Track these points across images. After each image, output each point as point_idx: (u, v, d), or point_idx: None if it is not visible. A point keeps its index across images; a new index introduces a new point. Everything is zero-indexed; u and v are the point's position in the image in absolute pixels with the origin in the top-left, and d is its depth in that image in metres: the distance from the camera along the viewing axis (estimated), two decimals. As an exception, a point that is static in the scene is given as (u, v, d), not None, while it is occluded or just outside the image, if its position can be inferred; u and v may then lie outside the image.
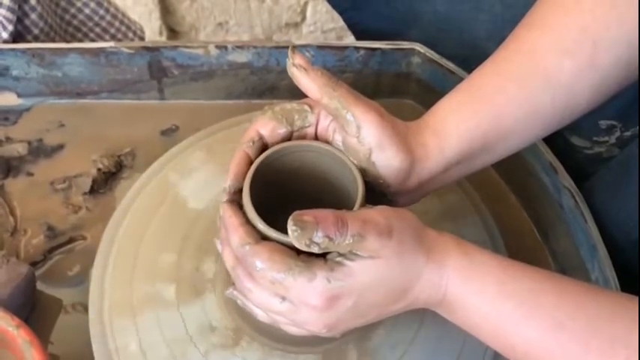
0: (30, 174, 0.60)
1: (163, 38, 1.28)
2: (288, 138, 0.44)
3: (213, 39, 1.30)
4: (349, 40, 1.13)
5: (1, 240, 0.55)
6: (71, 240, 0.56)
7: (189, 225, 0.53)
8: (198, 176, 0.56)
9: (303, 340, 0.46)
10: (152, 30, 1.25)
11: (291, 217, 0.37)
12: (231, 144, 0.47)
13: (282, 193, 0.44)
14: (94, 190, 0.59)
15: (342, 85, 0.42)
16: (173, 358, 0.46)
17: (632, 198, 0.51)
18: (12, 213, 0.57)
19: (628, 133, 0.60)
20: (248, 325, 0.47)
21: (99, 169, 0.60)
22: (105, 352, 0.47)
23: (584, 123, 0.58)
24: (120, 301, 0.49)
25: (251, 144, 0.44)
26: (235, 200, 0.42)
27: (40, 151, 0.61)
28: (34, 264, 0.54)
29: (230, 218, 0.41)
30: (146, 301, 0.49)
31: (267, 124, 0.44)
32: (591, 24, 0.43)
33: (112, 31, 0.76)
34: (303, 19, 1.30)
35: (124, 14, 0.79)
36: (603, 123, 0.60)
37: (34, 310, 0.52)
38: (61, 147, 0.62)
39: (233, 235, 0.40)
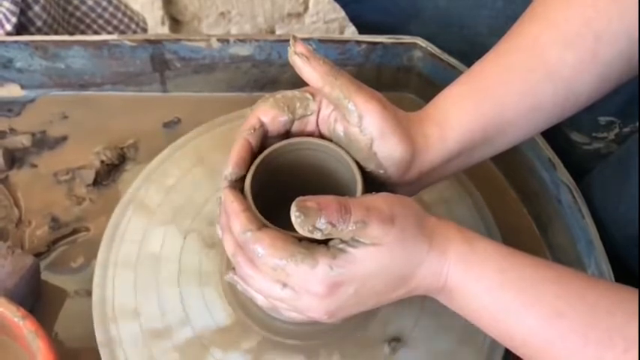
0: (34, 165, 0.61)
1: (166, 28, 1.28)
2: (290, 126, 0.44)
3: (216, 28, 1.30)
4: (351, 31, 1.13)
5: (6, 231, 0.56)
6: (75, 231, 0.57)
7: (193, 216, 0.53)
8: (201, 169, 0.56)
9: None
10: (154, 19, 1.25)
11: (294, 203, 0.37)
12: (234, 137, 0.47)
13: (282, 191, 0.44)
14: (97, 182, 0.60)
15: (344, 74, 0.42)
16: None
17: (630, 194, 0.51)
18: (16, 204, 0.58)
19: (627, 130, 0.60)
20: (256, 324, 0.48)
21: (102, 161, 0.60)
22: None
23: (584, 119, 0.58)
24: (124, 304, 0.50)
25: (252, 131, 0.43)
26: (237, 187, 0.42)
27: (43, 142, 0.62)
28: (39, 255, 0.55)
29: (232, 204, 0.41)
30: (148, 303, 0.50)
31: (268, 112, 0.44)
32: (593, 17, 0.43)
33: (115, 22, 0.76)
34: (306, 9, 1.30)
35: (126, 6, 0.79)
36: (602, 119, 0.60)
37: (38, 300, 0.52)
38: (64, 139, 0.62)
39: (234, 222, 0.40)
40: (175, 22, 1.30)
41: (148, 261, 0.51)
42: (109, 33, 0.76)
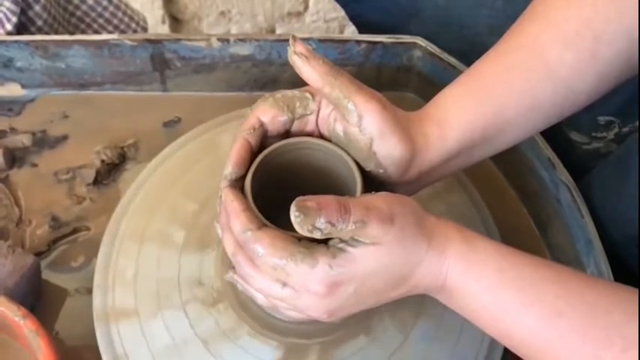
0: (34, 165, 0.61)
1: (166, 26, 1.28)
2: (289, 126, 0.44)
3: (216, 27, 1.30)
4: (351, 30, 1.13)
5: (6, 230, 0.56)
6: (75, 231, 0.57)
7: (194, 215, 0.53)
8: (201, 168, 0.56)
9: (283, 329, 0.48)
10: (155, 18, 1.25)
11: (294, 203, 0.37)
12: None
13: (282, 190, 0.45)
14: (97, 182, 0.60)
15: (344, 74, 0.42)
16: (157, 295, 0.49)
17: (629, 193, 0.51)
18: (17, 203, 0.58)
19: (626, 129, 0.60)
20: (232, 293, 0.49)
21: (102, 161, 0.60)
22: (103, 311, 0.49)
23: (583, 118, 0.58)
24: (125, 307, 0.50)
25: (252, 131, 0.43)
26: (237, 186, 0.43)
27: (44, 142, 0.62)
28: (39, 254, 0.55)
29: (232, 203, 0.41)
30: (153, 238, 0.51)
31: (268, 112, 0.44)
32: (592, 17, 0.43)
33: (115, 21, 0.76)
34: (306, 8, 1.30)
35: (126, 5, 0.79)
36: (602, 119, 0.60)
37: (39, 299, 0.53)
38: (64, 138, 0.62)
39: (234, 221, 0.40)
40: (175, 21, 1.30)
41: (148, 260, 0.52)
42: (110, 32, 0.76)
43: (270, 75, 0.65)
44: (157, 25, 1.26)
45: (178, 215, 0.54)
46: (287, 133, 0.45)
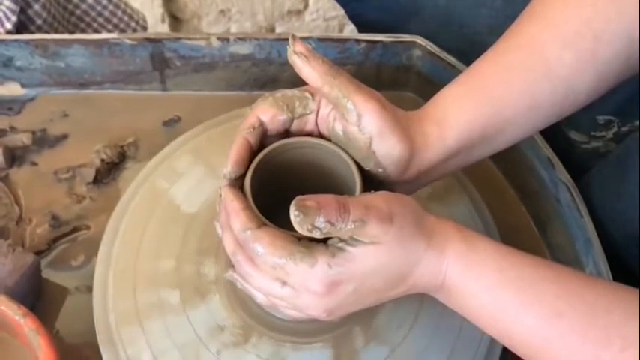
0: (34, 164, 0.61)
1: (165, 25, 1.28)
2: (289, 125, 0.44)
3: (216, 26, 1.30)
4: (351, 28, 1.13)
5: (6, 229, 0.56)
6: (75, 229, 0.57)
7: (193, 214, 0.53)
8: (201, 167, 0.57)
9: (311, 330, 0.47)
10: (154, 17, 1.25)
11: (293, 203, 0.37)
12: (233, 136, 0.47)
13: (281, 190, 0.45)
14: (97, 181, 0.60)
15: (343, 74, 0.42)
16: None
17: (628, 193, 0.52)
18: (17, 202, 0.58)
19: (625, 129, 0.60)
20: (255, 321, 0.48)
21: (102, 160, 0.60)
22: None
23: (583, 118, 0.59)
24: (126, 311, 0.49)
25: (251, 130, 0.43)
26: (236, 185, 0.43)
27: (44, 141, 0.62)
28: (39, 253, 0.55)
29: (231, 202, 0.41)
30: (152, 309, 0.49)
31: (267, 111, 0.44)
32: (592, 17, 0.43)
33: (115, 20, 0.76)
34: (306, 6, 1.30)
35: (126, 4, 0.79)
36: (601, 118, 0.60)
37: (39, 298, 0.53)
38: (64, 137, 0.62)
39: (234, 220, 0.41)
40: (175, 20, 1.30)
41: (148, 258, 0.52)
42: (109, 31, 0.76)
43: (270, 74, 0.65)
44: (157, 24, 1.26)
45: (177, 214, 0.54)
46: (286, 133, 0.45)
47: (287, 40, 0.42)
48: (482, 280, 0.39)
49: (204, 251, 0.52)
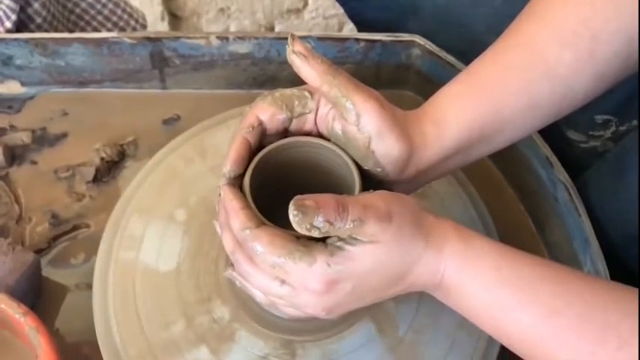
0: (34, 162, 0.61)
1: (165, 24, 1.28)
2: (288, 124, 0.44)
3: (215, 24, 1.30)
4: (350, 27, 1.13)
5: (6, 228, 0.56)
6: (75, 228, 0.57)
7: (193, 212, 0.54)
8: (201, 165, 0.57)
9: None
10: (154, 15, 1.25)
11: (292, 202, 0.37)
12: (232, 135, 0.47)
13: (280, 189, 0.45)
14: (97, 179, 0.60)
15: (342, 73, 0.42)
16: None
17: (625, 192, 0.52)
18: (17, 201, 0.58)
19: (623, 128, 0.60)
20: (291, 334, 0.48)
21: (102, 158, 0.60)
22: None
23: (581, 117, 0.59)
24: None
25: (250, 129, 0.43)
26: (235, 184, 0.43)
27: (43, 139, 0.62)
28: (39, 251, 0.55)
29: (231, 202, 0.41)
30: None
31: (266, 110, 0.44)
32: (590, 16, 0.43)
33: (114, 19, 0.76)
34: (305, 5, 1.30)
35: (125, 2, 0.79)
36: (599, 117, 0.60)
37: (39, 296, 0.53)
38: (64, 136, 0.63)
39: (233, 219, 0.41)
40: (175, 18, 1.30)
41: (148, 256, 0.52)
42: (109, 29, 0.76)
43: (269, 73, 0.65)
44: (156, 22, 1.26)
45: (177, 212, 0.54)
46: (286, 132, 0.45)
47: (286, 39, 0.42)
48: (479, 279, 0.39)
49: (206, 241, 0.51)
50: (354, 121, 0.42)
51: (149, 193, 0.55)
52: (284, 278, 0.40)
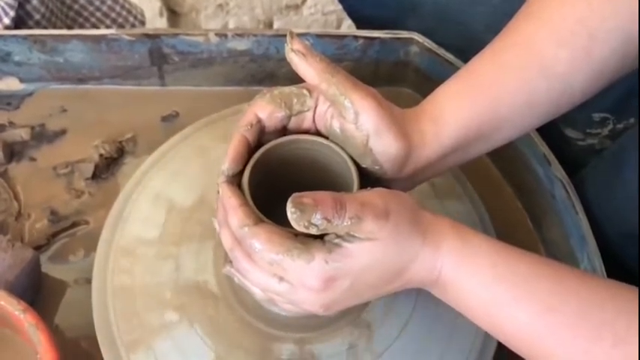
0: (33, 159, 0.61)
1: (164, 19, 1.28)
2: (287, 122, 0.45)
3: (214, 20, 1.30)
4: (349, 23, 1.13)
5: (5, 224, 0.56)
6: (74, 224, 0.57)
7: (192, 209, 0.54)
8: (200, 162, 0.57)
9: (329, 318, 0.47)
10: (152, 11, 1.25)
11: (290, 200, 0.37)
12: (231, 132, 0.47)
13: (279, 186, 0.45)
14: (96, 176, 0.60)
15: (340, 71, 0.42)
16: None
17: (623, 190, 0.52)
18: (16, 198, 0.58)
19: (620, 126, 0.61)
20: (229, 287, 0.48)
21: (101, 155, 0.61)
22: None
23: (578, 115, 0.59)
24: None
25: (249, 127, 0.43)
26: (234, 182, 0.43)
27: (42, 136, 0.62)
28: (38, 248, 0.55)
29: (229, 199, 0.41)
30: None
31: (265, 108, 0.44)
32: (587, 15, 0.43)
33: (113, 15, 0.76)
34: (304, 1, 1.30)
35: (124, -1, 0.79)
36: (597, 115, 0.60)
37: (39, 293, 0.53)
38: (63, 132, 0.63)
39: (232, 216, 0.41)
40: (173, 14, 1.30)
41: (147, 250, 0.52)
42: (107, 26, 0.76)
43: (268, 70, 0.65)
44: (155, 18, 1.26)
45: (176, 209, 0.54)
46: (284, 130, 0.45)
47: (285, 36, 0.42)
48: (476, 276, 0.40)
49: (206, 236, 0.52)
50: (352, 119, 0.42)
51: (149, 190, 0.55)
52: (282, 275, 0.40)
